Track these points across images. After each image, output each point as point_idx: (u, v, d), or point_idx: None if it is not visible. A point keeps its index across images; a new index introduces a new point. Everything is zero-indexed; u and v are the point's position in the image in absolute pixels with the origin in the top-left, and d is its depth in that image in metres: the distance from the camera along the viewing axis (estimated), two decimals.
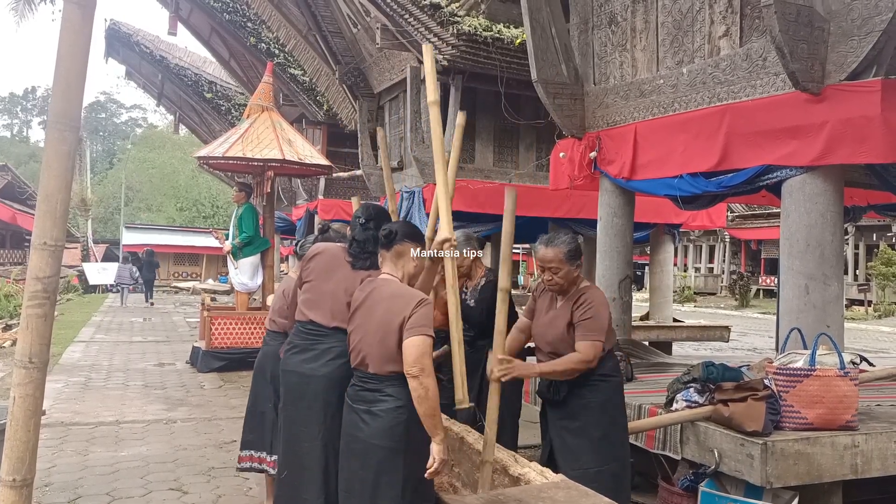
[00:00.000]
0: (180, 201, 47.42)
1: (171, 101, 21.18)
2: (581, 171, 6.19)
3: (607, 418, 3.53)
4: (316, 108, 15.20)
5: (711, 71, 5.12)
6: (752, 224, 30.01)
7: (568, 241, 3.61)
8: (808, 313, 4.43)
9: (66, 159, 2.60)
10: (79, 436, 6.07)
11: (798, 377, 3.82)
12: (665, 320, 10.37)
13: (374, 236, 3.16)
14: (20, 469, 2.54)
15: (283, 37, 13.54)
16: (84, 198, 31.92)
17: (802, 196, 4.48)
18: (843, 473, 3.76)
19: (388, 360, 2.80)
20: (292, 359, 3.23)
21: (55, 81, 2.62)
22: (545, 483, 2.95)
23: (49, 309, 2.56)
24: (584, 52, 6.35)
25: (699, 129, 5.12)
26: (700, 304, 29.54)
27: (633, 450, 4.49)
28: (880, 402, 4.72)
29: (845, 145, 4.22)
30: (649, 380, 5.45)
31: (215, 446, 5.88)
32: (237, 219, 9.70)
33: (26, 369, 2.53)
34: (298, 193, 18.05)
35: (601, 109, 6.15)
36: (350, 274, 3.20)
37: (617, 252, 6.10)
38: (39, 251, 2.56)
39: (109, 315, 18.30)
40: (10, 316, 14.91)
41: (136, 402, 7.54)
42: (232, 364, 9.44)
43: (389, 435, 2.73)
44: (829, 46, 4.31)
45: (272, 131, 9.43)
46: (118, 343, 12.51)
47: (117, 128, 77.71)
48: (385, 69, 11.06)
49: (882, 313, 22.80)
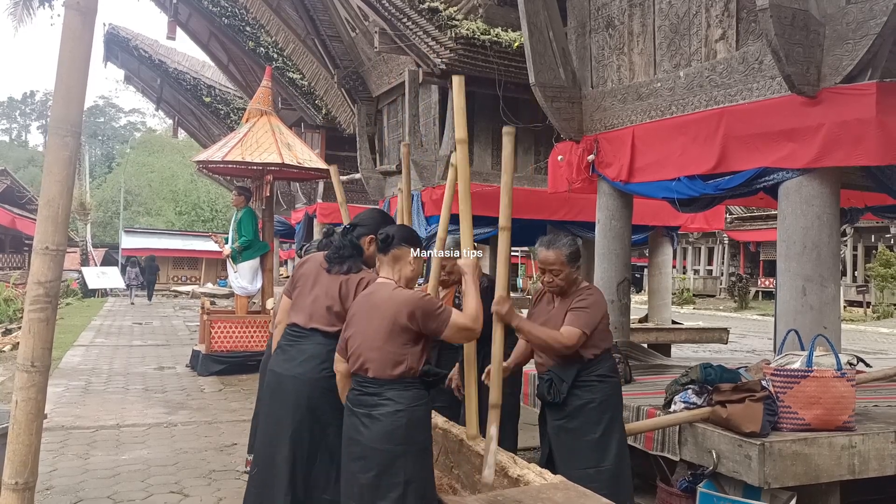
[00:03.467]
0: (179, 205, 47.41)
1: (170, 105, 21.20)
2: (579, 174, 6.21)
3: (605, 419, 3.55)
4: (314, 112, 15.23)
5: (708, 74, 5.15)
6: (751, 226, 30.01)
7: (569, 244, 3.66)
8: (805, 315, 4.45)
9: (68, 164, 2.62)
10: (80, 439, 6.08)
11: (795, 378, 3.84)
12: (664, 322, 10.36)
13: (352, 241, 3.27)
14: (23, 472, 2.56)
15: (281, 41, 13.58)
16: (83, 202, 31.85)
17: (799, 198, 4.51)
18: (841, 474, 3.78)
19: (389, 363, 2.82)
20: (274, 359, 3.33)
21: (56, 87, 2.64)
22: (544, 484, 2.96)
23: (51, 313, 2.59)
24: (582, 56, 6.38)
25: (696, 131, 5.15)
26: (699, 306, 29.56)
27: (632, 451, 4.51)
28: (877, 402, 4.74)
29: (841, 148, 4.25)
30: (648, 382, 5.47)
31: (216, 449, 5.89)
32: (236, 223, 9.71)
33: (28, 373, 2.55)
34: (297, 197, 18.08)
35: (599, 113, 6.18)
36: (331, 278, 3.25)
37: (615, 255, 6.12)
38: (41, 256, 2.58)
39: (109, 319, 18.30)
40: (10, 320, 14.91)
41: (137, 405, 7.55)
42: (232, 367, 9.46)
43: (390, 438, 2.75)
44: (824, 50, 4.34)
45: (271, 135, 9.46)
46: (118, 347, 12.52)
47: (116, 132, 77.68)
48: (383, 73, 11.09)
49: (881, 315, 22.83)
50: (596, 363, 3.60)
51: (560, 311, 3.63)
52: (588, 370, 3.59)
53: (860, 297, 25.28)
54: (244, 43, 15.02)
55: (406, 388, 2.82)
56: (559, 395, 3.57)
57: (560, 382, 3.58)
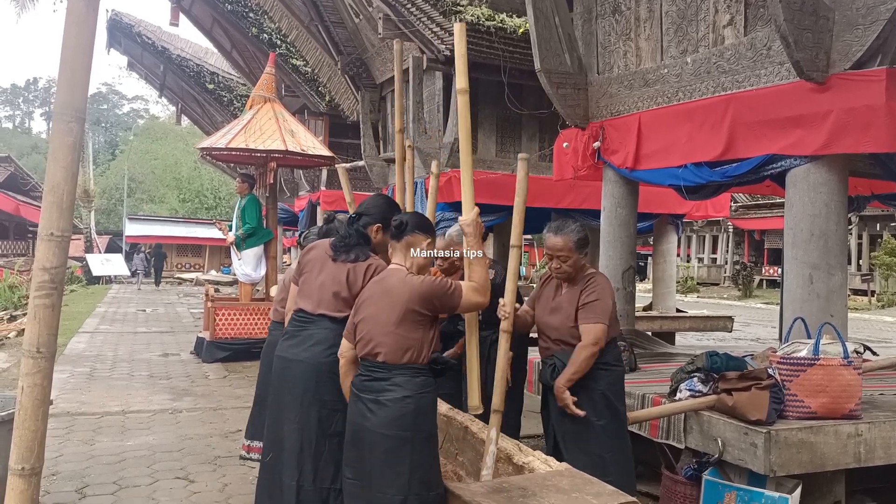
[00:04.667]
0: (183, 192, 47.44)
1: (174, 92, 21.14)
2: (585, 162, 6.18)
3: (609, 407, 3.57)
4: (318, 99, 15.19)
5: (716, 60, 5.10)
6: (756, 214, 29.94)
7: (577, 230, 3.66)
8: (811, 303, 4.44)
9: (72, 150, 2.61)
10: (85, 425, 6.11)
11: (802, 366, 3.82)
12: (668, 311, 10.35)
13: (358, 230, 3.28)
14: (29, 458, 2.56)
15: (285, 27, 13.52)
16: (87, 189, 31.93)
17: (807, 186, 4.48)
18: (847, 462, 3.77)
19: (403, 347, 2.82)
20: (282, 344, 3.34)
21: (60, 73, 2.63)
22: (549, 471, 2.97)
23: (56, 299, 2.58)
24: (588, 42, 6.33)
25: (703, 118, 5.11)
26: (703, 294, 29.54)
27: (637, 439, 4.52)
28: (884, 391, 4.73)
29: (849, 135, 4.21)
30: (653, 370, 5.46)
31: (221, 435, 5.91)
32: (240, 210, 9.72)
33: (34, 359, 2.55)
34: (301, 185, 18.06)
35: (605, 99, 6.13)
36: (338, 265, 3.25)
37: (620, 242, 6.10)
38: (46, 242, 2.57)
39: (114, 306, 18.35)
40: (15, 307, 14.96)
41: (142, 392, 7.57)
42: (236, 354, 9.48)
43: (397, 424, 2.75)
44: (833, 35, 4.29)
45: (274, 122, 9.44)
46: (123, 334, 12.56)
47: (119, 119, 77.70)
48: (387, 59, 11.03)
49: (885, 303, 22.80)
50: (601, 352, 3.60)
51: (569, 299, 3.62)
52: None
53: (864, 286, 25.22)
54: (247, 29, 14.97)
55: (415, 375, 2.82)
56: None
57: (563, 368, 3.60)
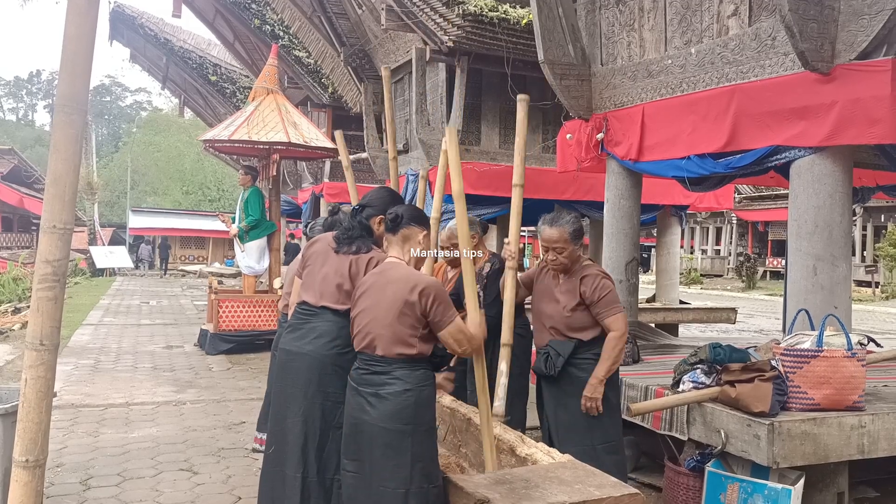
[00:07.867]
0: (186, 185, 47.43)
1: (176, 84, 21.12)
2: (588, 153, 6.16)
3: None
4: (321, 91, 15.15)
5: (720, 51, 5.07)
6: (760, 205, 29.83)
7: (572, 221, 3.67)
8: (815, 294, 4.43)
9: (74, 142, 2.60)
10: (89, 417, 6.13)
11: (805, 358, 3.82)
12: (671, 302, 10.35)
13: (361, 223, 3.27)
14: (33, 450, 2.57)
15: (287, 18, 13.46)
16: (90, 181, 31.94)
17: (811, 177, 4.46)
18: (850, 454, 3.77)
19: (397, 341, 2.80)
20: (285, 337, 3.33)
21: (62, 65, 2.61)
22: (552, 463, 2.97)
23: (59, 291, 2.58)
24: (592, 33, 6.30)
25: (707, 109, 5.09)
26: (707, 286, 29.49)
27: (640, 431, 4.53)
28: (887, 382, 4.72)
29: (854, 126, 4.19)
30: (656, 361, 5.45)
31: (224, 427, 5.93)
32: (243, 202, 9.72)
33: (38, 351, 2.55)
34: (304, 176, 18.04)
35: (608, 90, 6.11)
36: (340, 257, 3.25)
37: (624, 234, 6.09)
38: (49, 234, 2.56)
39: (118, 298, 18.39)
40: (19, 299, 15.01)
41: (146, 384, 7.59)
42: (240, 346, 9.51)
43: (398, 417, 2.74)
44: (839, 25, 4.26)
45: (277, 114, 9.42)
46: (126, 326, 12.59)
47: (122, 111, 77.66)
48: (390, 51, 10.99)
49: (889, 295, 22.73)
50: (593, 343, 3.67)
51: (569, 291, 3.65)
52: (585, 349, 3.68)
53: (869, 278, 25.15)
54: (250, 20, 14.92)
55: (414, 368, 2.80)
56: (554, 369, 3.66)
57: (556, 356, 3.66)
